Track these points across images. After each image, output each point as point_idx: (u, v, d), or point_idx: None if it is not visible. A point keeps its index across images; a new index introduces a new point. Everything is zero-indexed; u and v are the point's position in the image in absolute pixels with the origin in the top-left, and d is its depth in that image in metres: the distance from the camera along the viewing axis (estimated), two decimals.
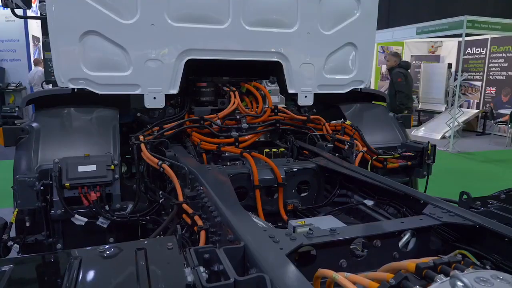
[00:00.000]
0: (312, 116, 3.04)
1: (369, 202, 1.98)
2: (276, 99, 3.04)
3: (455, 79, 11.69)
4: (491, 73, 11.63)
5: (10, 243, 2.05)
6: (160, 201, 2.13)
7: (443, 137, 10.44)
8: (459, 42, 12.11)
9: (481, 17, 8.45)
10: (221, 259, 1.07)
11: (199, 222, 1.63)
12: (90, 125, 2.46)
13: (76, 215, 2.01)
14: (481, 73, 11.90)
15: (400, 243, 1.46)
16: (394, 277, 1.00)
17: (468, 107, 12.18)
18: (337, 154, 2.66)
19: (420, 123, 12.74)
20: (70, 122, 2.44)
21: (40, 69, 10.60)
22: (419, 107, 13.20)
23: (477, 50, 11.93)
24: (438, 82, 12.27)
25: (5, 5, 3.43)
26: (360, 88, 3.30)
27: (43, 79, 10.30)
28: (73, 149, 2.26)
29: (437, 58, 13.33)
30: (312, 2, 2.95)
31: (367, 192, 2.06)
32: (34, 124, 2.35)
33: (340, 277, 1.08)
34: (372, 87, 8.72)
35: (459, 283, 0.87)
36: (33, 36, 12.27)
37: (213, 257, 1.10)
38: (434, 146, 2.81)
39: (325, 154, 2.50)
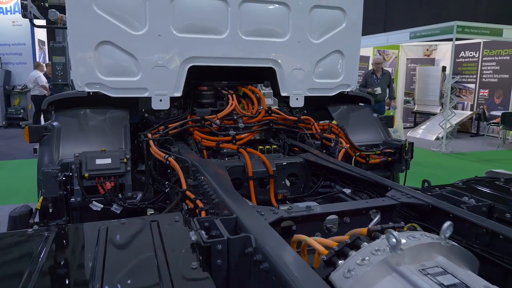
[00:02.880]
0: (302, 117, 3.34)
1: (347, 190, 2.29)
2: (269, 101, 3.34)
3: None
4: (484, 76, 11.94)
5: (35, 227, 2.35)
6: (166, 190, 2.44)
7: (437, 138, 10.75)
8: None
9: (470, 23, 8.77)
10: (218, 226, 1.37)
11: (200, 205, 1.93)
12: (104, 124, 2.78)
13: (94, 202, 2.32)
14: (475, 76, 12.21)
15: (371, 225, 1.77)
16: (349, 237, 1.31)
17: (463, 109, 12.51)
18: (324, 151, 2.97)
19: (416, 125, 13.07)
20: (86, 122, 2.76)
21: (39, 72, 10.92)
22: (415, 109, 13.52)
23: (470, 54, 12.24)
24: (433, 84, 12.57)
25: (24, 16, 3.76)
26: (347, 91, 3.61)
27: (39, 82, 10.66)
28: (90, 145, 2.57)
29: (432, 61, 13.65)
30: (302, 14, 3.26)
31: (346, 182, 2.37)
32: (55, 123, 2.66)
33: (310, 239, 1.39)
34: None
35: (392, 238, 1.17)
36: (39, 40, 12.63)
37: (211, 225, 1.41)
38: (411, 144, 3.12)
39: (313, 151, 2.81)
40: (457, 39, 9.01)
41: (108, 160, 2.34)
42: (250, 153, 2.64)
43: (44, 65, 11.75)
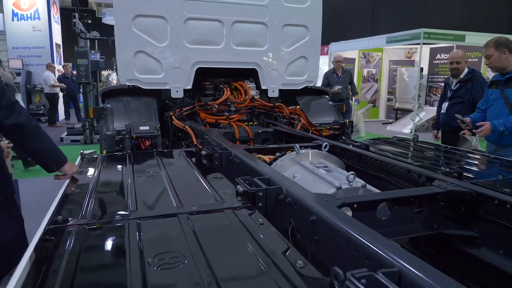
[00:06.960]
0: (277, 104, 4.65)
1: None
2: (253, 92, 4.68)
3: (427, 81, 13.39)
4: None
5: None
6: (183, 148, 3.77)
7: (411, 131, 12.10)
8: (431, 49, 13.86)
9: (436, 29, 10.12)
10: (217, 151, 2.70)
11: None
12: (140, 106, 4.10)
13: None
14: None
15: None
16: (281, 153, 2.65)
17: None
18: (290, 126, 4.31)
19: (396, 120, 14.43)
20: (129, 105, 4.09)
21: (49, 72, 12.36)
22: (396, 106, 14.89)
23: (445, 56, 13.58)
24: (411, 84, 13.93)
25: (73, 31, 5.11)
26: (311, 86, 4.95)
27: (47, 82, 12.08)
28: (132, 119, 3.89)
29: (412, 63, 15.00)
30: (276, 30, 4.59)
31: (298, 141, 3.71)
32: (108, 106, 4.00)
33: (262, 156, 2.74)
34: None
35: (296, 148, 2.51)
36: (56, 43, 13.97)
37: (214, 152, 2.74)
38: (351, 122, 4.46)
39: (280, 124, 4.15)
40: (429, 44, 10.32)
41: (147, 127, 3.65)
42: (238, 125, 3.99)
43: (54, 65, 13.16)
